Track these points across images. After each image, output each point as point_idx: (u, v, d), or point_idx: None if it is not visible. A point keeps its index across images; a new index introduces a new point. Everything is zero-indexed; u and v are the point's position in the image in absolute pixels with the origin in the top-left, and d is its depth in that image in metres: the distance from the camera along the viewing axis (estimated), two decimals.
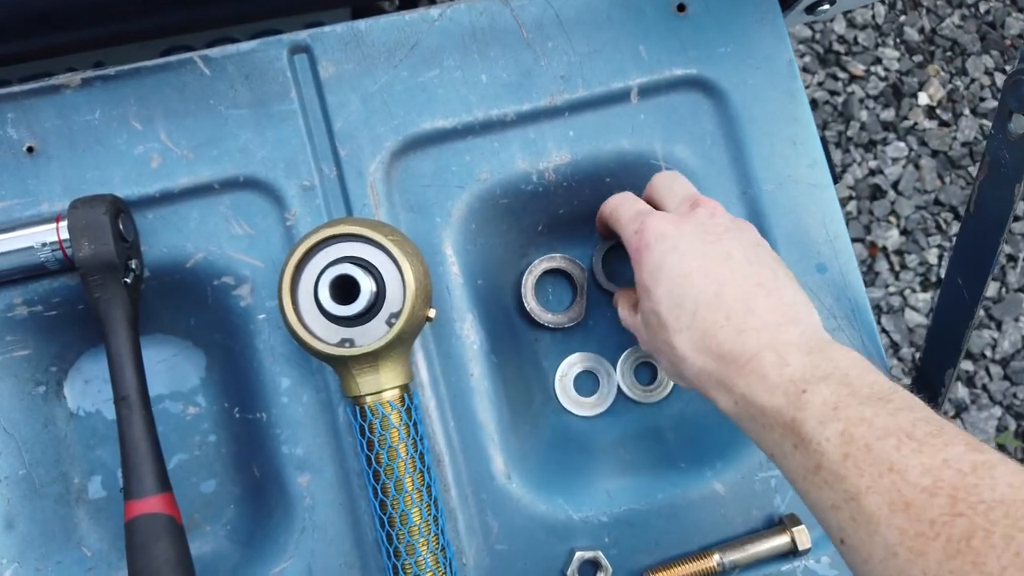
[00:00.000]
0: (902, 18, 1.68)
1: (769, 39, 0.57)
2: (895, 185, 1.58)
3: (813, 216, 0.56)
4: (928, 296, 1.52)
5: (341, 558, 0.51)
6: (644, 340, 0.48)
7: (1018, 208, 1.56)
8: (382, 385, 0.47)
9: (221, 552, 0.52)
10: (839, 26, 1.67)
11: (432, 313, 0.49)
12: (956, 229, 1.57)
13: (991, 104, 1.64)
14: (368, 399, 0.47)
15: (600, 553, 0.51)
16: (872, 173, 1.60)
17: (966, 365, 1.49)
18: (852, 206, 1.57)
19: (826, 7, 0.59)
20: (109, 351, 0.48)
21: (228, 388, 0.54)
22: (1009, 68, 1.67)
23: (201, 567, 0.50)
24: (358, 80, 0.54)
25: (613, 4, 0.56)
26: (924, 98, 1.63)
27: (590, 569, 0.52)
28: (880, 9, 1.67)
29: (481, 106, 0.54)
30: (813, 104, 1.62)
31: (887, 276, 1.53)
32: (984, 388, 1.49)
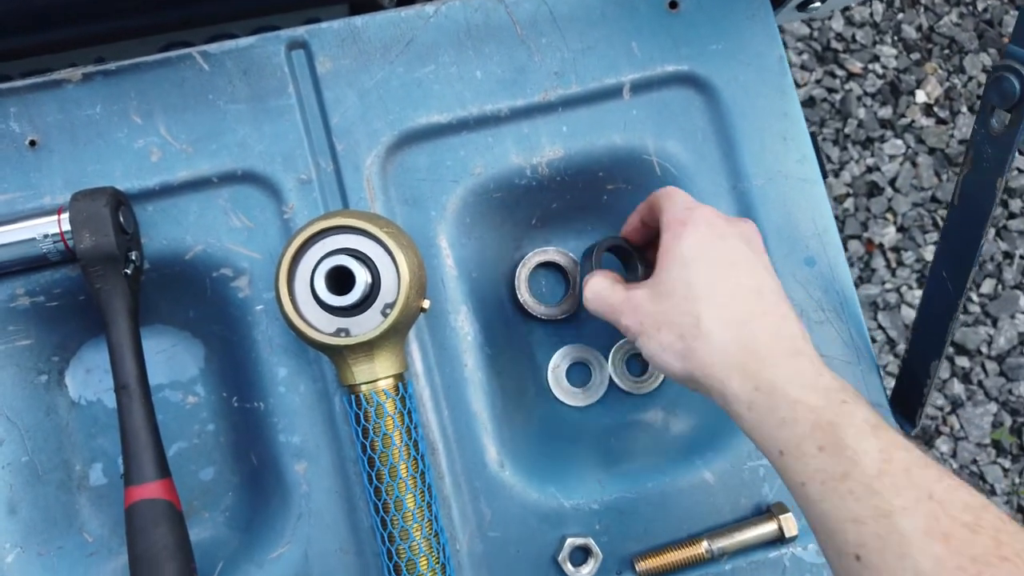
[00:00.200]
0: (900, 16, 1.68)
1: (760, 36, 0.58)
2: (892, 182, 1.59)
3: (802, 210, 0.57)
4: None
5: (337, 543, 0.52)
6: (645, 312, 0.45)
7: (1015, 206, 1.58)
8: (377, 374, 0.48)
9: (220, 538, 0.53)
10: (837, 24, 1.68)
11: (426, 304, 0.50)
12: None
13: None
14: (363, 388, 0.48)
15: (591, 540, 0.52)
16: (869, 170, 1.60)
17: (962, 361, 1.50)
18: (849, 203, 1.58)
19: (817, 4, 0.60)
20: (110, 340, 0.49)
21: (227, 378, 0.55)
22: None
23: (200, 552, 0.51)
24: (354, 76, 0.55)
25: (606, 1, 0.57)
26: (922, 96, 1.64)
27: (581, 555, 0.53)
28: (878, 7, 1.68)
29: (476, 101, 0.55)
30: (811, 101, 1.63)
31: (884, 273, 1.54)
32: (980, 384, 1.50)
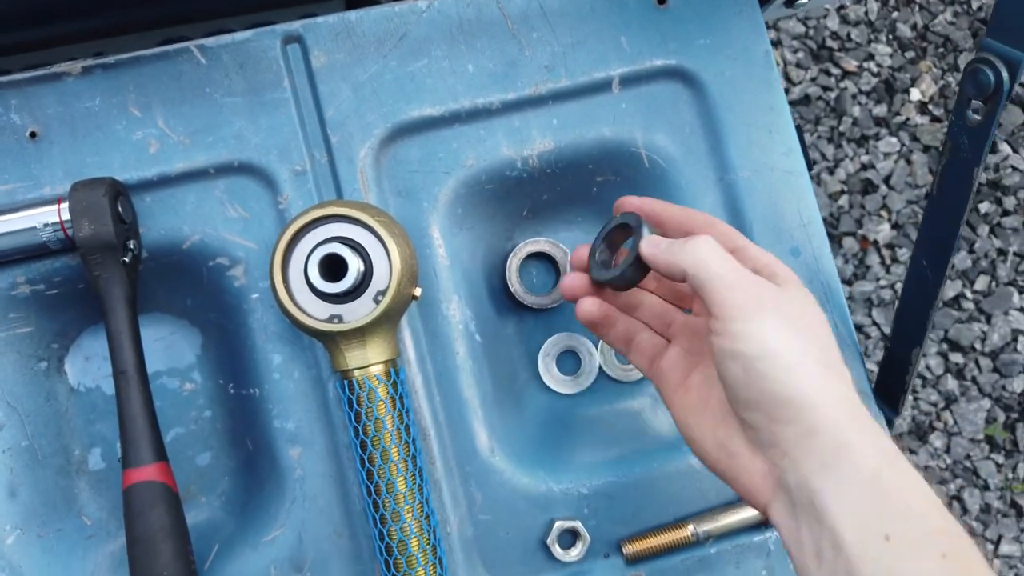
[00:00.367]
0: (895, 14, 1.70)
1: (747, 31, 0.59)
2: (887, 180, 1.60)
3: (788, 202, 0.58)
4: None
5: (330, 527, 0.53)
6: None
7: (1009, 204, 1.59)
8: (369, 360, 0.49)
9: (216, 521, 0.54)
10: (832, 22, 1.69)
11: (418, 292, 0.51)
12: None
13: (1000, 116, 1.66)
14: (356, 373, 0.49)
15: (579, 523, 0.54)
16: (864, 168, 1.61)
17: (956, 357, 1.51)
18: (844, 200, 1.59)
19: (804, 0, 0.61)
20: (108, 327, 0.50)
21: (223, 365, 0.56)
22: (1019, 80, 1.69)
23: (196, 535, 0.53)
24: (349, 69, 0.56)
25: None
26: (916, 94, 1.65)
27: (569, 538, 0.54)
28: (873, 5, 1.69)
29: (467, 95, 0.56)
30: (806, 99, 1.64)
31: (878, 269, 1.55)
32: (974, 380, 1.51)
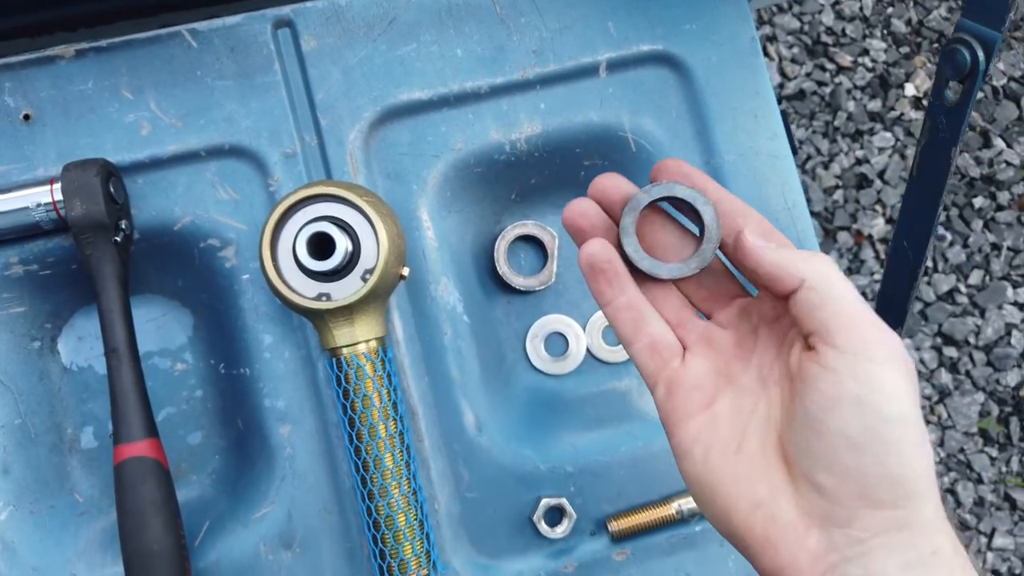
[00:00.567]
0: (889, 10, 1.70)
1: (733, 17, 0.60)
2: (881, 174, 1.61)
3: (773, 185, 0.59)
4: None
5: (320, 504, 0.54)
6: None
7: (1003, 198, 1.59)
8: (357, 338, 0.49)
9: (206, 499, 0.55)
10: (827, 18, 1.70)
11: (406, 272, 0.51)
12: (941, 218, 1.60)
13: (977, 95, 1.67)
14: (344, 351, 0.50)
15: (565, 500, 0.54)
16: (859, 162, 1.62)
17: (950, 351, 1.52)
18: (839, 195, 1.60)
19: None
20: (100, 306, 0.51)
21: (214, 345, 0.57)
22: (995, 60, 1.69)
23: (188, 512, 0.53)
24: (339, 53, 0.56)
25: None
26: (911, 89, 1.66)
27: (556, 515, 0.55)
28: (868, 1, 1.69)
29: (456, 79, 0.57)
30: (801, 94, 1.65)
31: (872, 264, 1.56)
32: (967, 374, 1.52)
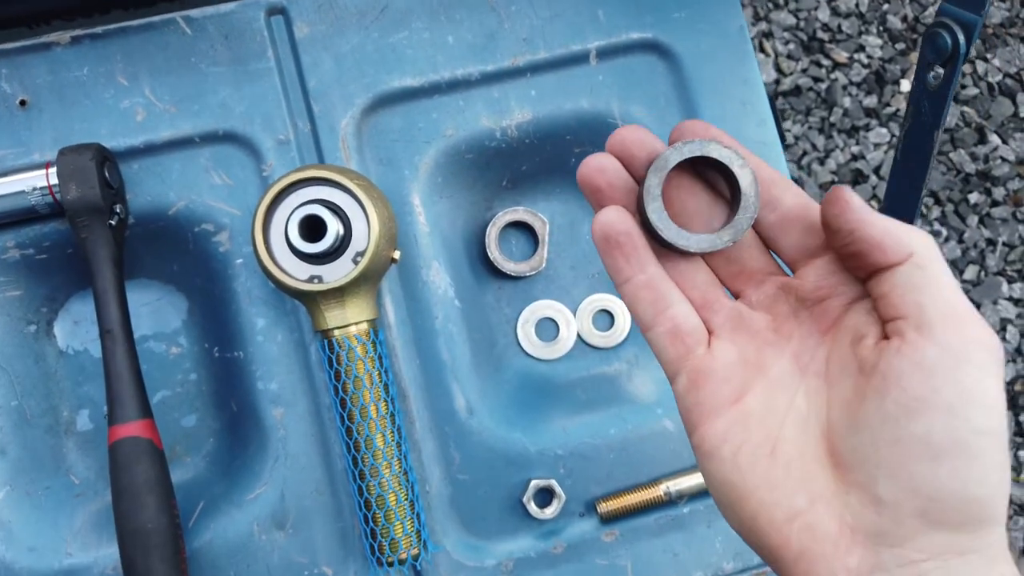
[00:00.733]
0: (885, 6, 1.71)
1: (721, 6, 0.60)
2: (877, 170, 1.61)
3: None
4: None
5: (312, 484, 0.54)
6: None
7: (998, 194, 1.60)
8: (348, 320, 0.50)
9: (201, 480, 0.56)
10: (823, 14, 1.70)
11: (397, 255, 0.52)
12: (937, 214, 1.60)
13: (972, 92, 1.68)
14: (336, 332, 0.50)
15: (555, 482, 0.55)
16: (855, 158, 1.63)
17: None
18: None
19: None
20: (95, 288, 0.51)
21: (208, 329, 0.57)
22: (991, 57, 1.70)
23: (182, 494, 0.54)
24: (331, 40, 0.57)
25: None
26: (906, 85, 1.67)
27: (545, 497, 0.56)
28: None
29: (447, 66, 0.58)
30: (797, 90, 1.66)
31: None
32: None
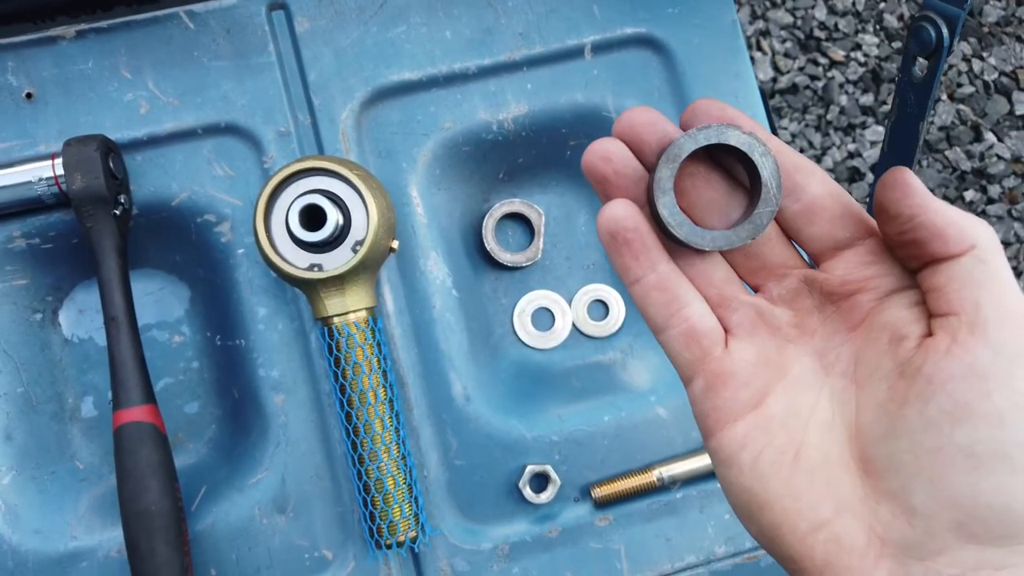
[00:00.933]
0: (882, 5, 1.72)
1: (714, 1, 0.61)
2: (873, 168, 1.62)
3: None
4: None
5: (312, 470, 0.55)
6: None
7: (993, 192, 1.61)
8: (348, 307, 0.51)
9: (203, 466, 0.57)
10: (820, 13, 1.72)
11: (395, 244, 0.53)
12: None
13: (968, 90, 1.69)
14: (335, 320, 0.51)
15: (550, 468, 0.56)
16: (851, 156, 1.64)
17: None
18: None
19: None
20: (100, 276, 0.53)
21: (210, 318, 0.58)
22: (986, 55, 1.72)
23: (184, 479, 0.55)
24: (331, 35, 0.58)
25: None
26: None
27: (540, 482, 0.57)
28: None
29: (445, 60, 0.59)
30: (793, 88, 1.67)
31: None
32: None
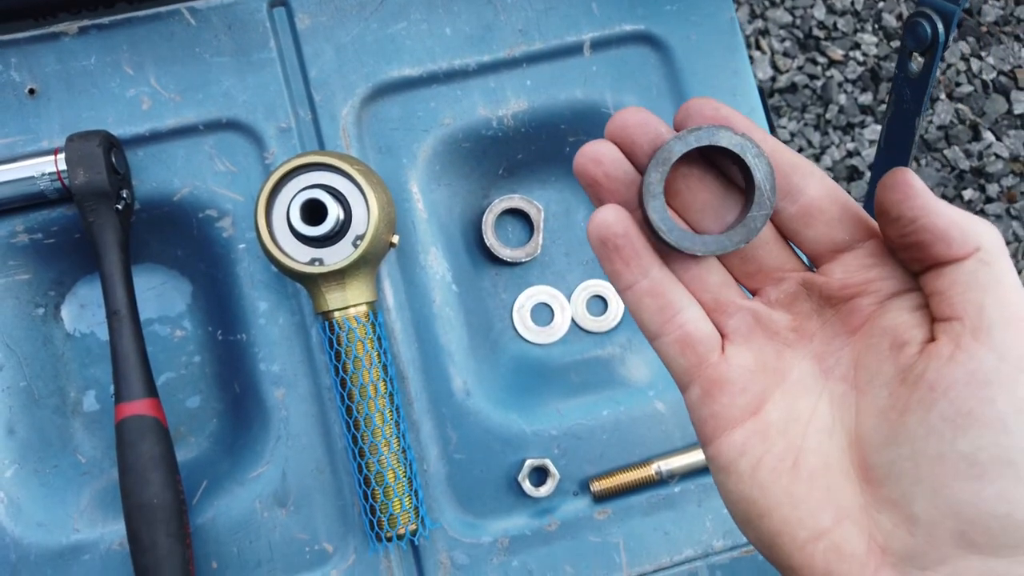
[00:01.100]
0: (880, 4, 1.72)
1: None
2: (872, 166, 1.63)
3: None
4: None
5: (313, 463, 0.56)
6: None
7: (992, 191, 1.61)
8: (348, 301, 0.52)
9: (204, 459, 0.57)
10: (819, 12, 1.72)
11: (395, 239, 0.53)
12: None
13: (967, 89, 1.69)
14: (336, 314, 0.52)
15: (549, 461, 0.56)
16: (850, 155, 1.64)
17: None
18: None
19: None
20: (102, 270, 0.53)
21: (211, 312, 0.59)
22: (985, 54, 1.72)
23: (186, 472, 0.55)
24: (332, 31, 0.59)
25: None
26: None
27: (539, 476, 0.57)
28: None
29: (445, 56, 0.59)
30: (793, 88, 1.67)
31: None
32: None
